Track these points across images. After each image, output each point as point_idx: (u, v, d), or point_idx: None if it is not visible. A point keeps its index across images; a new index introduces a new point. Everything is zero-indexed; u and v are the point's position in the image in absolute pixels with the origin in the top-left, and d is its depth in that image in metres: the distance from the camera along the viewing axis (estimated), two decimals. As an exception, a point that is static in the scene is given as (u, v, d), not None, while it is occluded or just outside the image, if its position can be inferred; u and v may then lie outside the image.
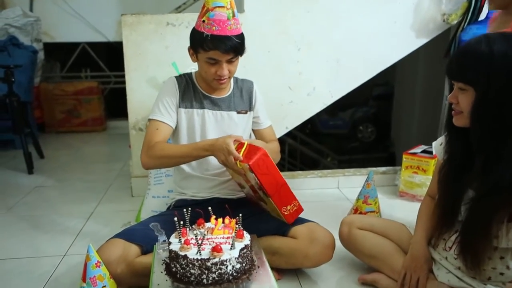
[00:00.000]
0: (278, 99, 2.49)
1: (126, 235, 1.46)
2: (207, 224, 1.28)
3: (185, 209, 1.27)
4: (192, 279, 1.12)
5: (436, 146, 1.43)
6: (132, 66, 2.34)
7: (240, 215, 1.25)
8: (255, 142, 1.53)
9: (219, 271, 1.11)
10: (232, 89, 1.71)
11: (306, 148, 5.90)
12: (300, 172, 2.71)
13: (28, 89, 3.82)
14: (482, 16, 2.42)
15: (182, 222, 1.22)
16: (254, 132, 1.81)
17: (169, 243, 1.19)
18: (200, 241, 1.13)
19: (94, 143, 4.21)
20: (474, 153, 1.22)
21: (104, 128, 4.75)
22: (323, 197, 2.51)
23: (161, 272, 1.20)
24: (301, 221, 1.54)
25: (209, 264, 1.10)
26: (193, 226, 1.27)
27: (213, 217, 1.28)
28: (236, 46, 1.49)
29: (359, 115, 7.28)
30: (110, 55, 5.11)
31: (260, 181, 1.40)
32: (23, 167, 3.00)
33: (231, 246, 1.15)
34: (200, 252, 1.11)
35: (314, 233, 1.49)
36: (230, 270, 1.12)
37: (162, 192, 2.11)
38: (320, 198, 2.49)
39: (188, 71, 1.74)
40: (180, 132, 1.66)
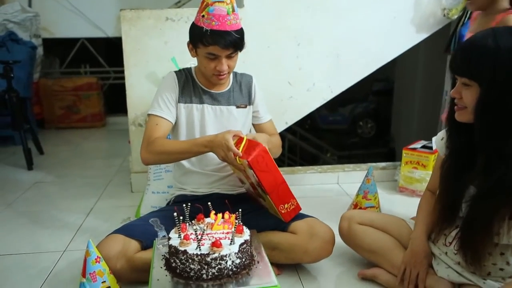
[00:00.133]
0: (278, 95, 2.48)
1: (126, 231, 1.46)
2: (207, 220, 1.28)
3: (185, 205, 1.27)
4: (192, 274, 1.12)
5: (437, 141, 1.41)
6: (132, 62, 2.33)
7: (240, 210, 1.25)
8: (259, 136, 1.51)
9: (219, 266, 1.11)
10: (231, 84, 1.70)
11: (306, 144, 5.90)
12: (300, 168, 2.71)
13: (27, 85, 3.81)
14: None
15: (182, 218, 1.22)
16: (255, 127, 1.81)
17: (169, 239, 1.19)
18: (200, 236, 1.13)
19: (94, 139, 4.21)
20: (477, 150, 1.20)
21: (104, 124, 4.74)
22: (323, 193, 2.51)
23: (161, 268, 1.20)
24: (301, 217, 1.54)
25: (209, 259, 1.10)
26: (193, 222, 1.27)
27: (213, 212, 1.28)
28: (236, 41, 1.48)
29: (359, 111, 7.28)
30: (110, 51, 5.10)
31: (259, 178, 1.39)
32: (23, 163, 3.00)
33: (231, 241, 1.15)
34: (200, 247, 1.11)
35: (314, 229, 1.49)
36: (230, 265, 1.12)
37: (162, 188, 2.11)
38: (320, 194, 2.49)
39: (188, 66, 1.73)
40: (180, 127, 1.66)
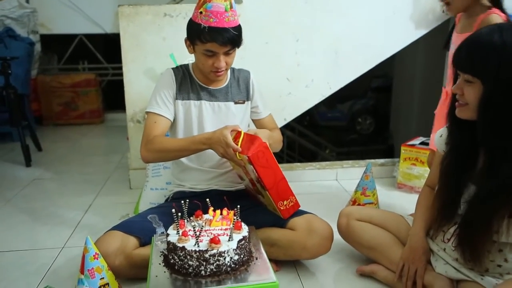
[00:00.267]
0: (277, 91, 2.48)
1: (124, 227, 1.46)
2: (205, 216, 1.28)
3: (183, 201, 1.27)
4: (190, 271, 1.12)
5: (436, 138, 1.40)
6: (130, 58, 2.33)
7: (238, 207, 1.25)
8: (260, 132, 1.50)
9: (217, 263, 1.11)
10: (229, 80, 1.70)
11: (305, 140, 5.89)
12: (299, 164, 2.71)
13: (25, 82, 3.79)
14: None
15: (180, 214, 1.22)
16: (255, 122, 1.80)
17: (167, 235, 1.19)
18: (198, 233, 1.13)
19: (92, 136, 4.20)
20: (479, 148, 1.19)
21: (102, 121, 4.72)
22: (322, 189, 2.51)
23: (159, 264, 1.20)
24: (300, 213, 1.54)
25: (207, 256, 1.10)
26: (191, 218, 1.27)
27: (211, 209, 1.28)
28: (234, 38, 1.48)
29: (358, 107, 7.27)
30: (108, 47, 5.06)
31: (258, 173, 1.39)
32: (21, 160, 2.99)
33: (229, 238, 1.15)
34: (198, 244, 1.11)
35: (313, 225, 1.50)
36: (228, 262, 1.12)
37: (160, 184, 2.11)
38: (319, 190, 2.49)
39: (186, 63, 1.73)
40: (177, 124, 1.66)
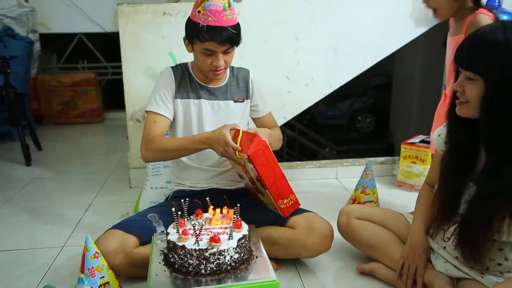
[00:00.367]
0: (276, 89, 2.48)
1: (124, 226, 1.46)
2: (205, 215, 1.28)
3: (183, 200, 1.27)
4: (190, 270, 1.12)
5: (435, 137, 1.40)
6: (129, 57, 2.32)
7: (238, 205, 1.25)
8: (260, 131, 1.50)
9: (217, 261, 1.11)
10: (228, 78, 1.70)
11: (305, 139, 5.90)
12: (299, 163, 2.71)
13: (25, 81, 3.79)
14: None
15: (180, 213, 1.22)
16: (254, 121, 1.80)
17: (167, 234, 1.19)
18: (198, 232, 1.13)
19: (92, 135, 4.20)
20: (479, 147, 1.18)
21: (102, 120, 4.72)
22: (322, 188, 2.51)
23: (159, 263, 1.20)
24: (300, 211, 1.54)
25: (207, 254, 1.10)
26: (191, 217, 1.27)
27: (211, 208, 1.27)
28: (232, 37, 1.48)
29: (358, 106, 7.27)
30: (107, 46, 5.06)
31: (258, 172, 1.39)
32: (21, 159, 2.99)
33: (229, 236, 1.15)
34: (198, 243, 1.11)
35: (313, 223, 1.50)
36: (228, 260, 1.12)
37: (160, 183, 2.11)
38: (319, 189, 2.49)
39: (186, 61, 1.72)
40: (177, 123, 1.65)
